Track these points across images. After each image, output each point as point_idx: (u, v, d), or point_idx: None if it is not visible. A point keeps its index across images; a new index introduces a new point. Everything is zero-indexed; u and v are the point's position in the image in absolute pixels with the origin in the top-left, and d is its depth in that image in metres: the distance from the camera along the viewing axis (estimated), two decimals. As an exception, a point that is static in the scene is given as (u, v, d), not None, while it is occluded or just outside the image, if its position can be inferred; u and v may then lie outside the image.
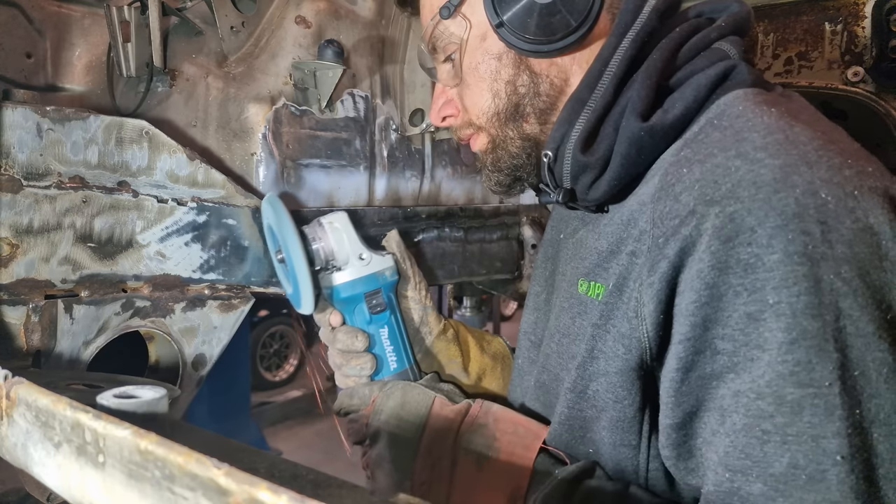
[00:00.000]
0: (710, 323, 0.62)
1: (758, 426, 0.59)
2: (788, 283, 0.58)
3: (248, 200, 1.21)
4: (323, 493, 0.42)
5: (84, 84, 1.37)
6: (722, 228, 0.61)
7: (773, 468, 0.58)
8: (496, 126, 0.89)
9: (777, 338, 0.58)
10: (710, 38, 0.79)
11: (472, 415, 0.88)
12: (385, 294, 0.99)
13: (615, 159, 0.75)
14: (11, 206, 0.99)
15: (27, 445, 0.55)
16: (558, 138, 0.81)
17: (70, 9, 1.35)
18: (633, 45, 0.78)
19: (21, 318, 1.00)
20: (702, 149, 0.68)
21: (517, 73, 0.86)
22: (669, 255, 0.65)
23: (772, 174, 0.60)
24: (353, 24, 1.45)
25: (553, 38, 0.80)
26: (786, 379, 0.58)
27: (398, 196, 1.49)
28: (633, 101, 0.74)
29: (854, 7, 1.37)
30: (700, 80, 0.74)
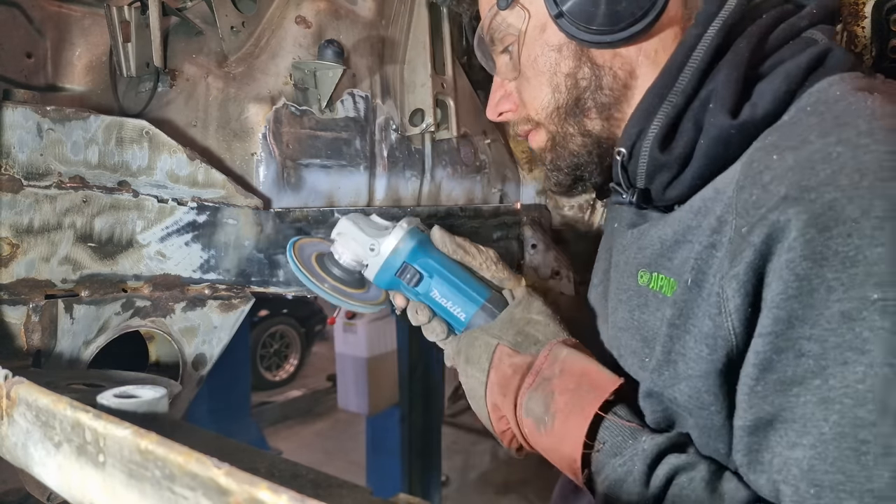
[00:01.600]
0: (796, 320, 0.56)
1: (854, 436, 0.52)
2: (890, 277, 0.51)
3: (248, 200, 1.21)
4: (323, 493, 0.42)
5: (84, 84, 1.37)
6: (819, 216, 0.55)
7: (873, 484, 0.51)
8: (556, 122, 0.85)
9: (881, 337, 0.51)
10: (799, 26, 0.73)
11: (537, 368, 0.80)
12: (414, 264, 0.96)
13: (698, 158, 0.71)
14: (12, 205, 0.99)
15: (27, 445, 0.55)
16: (634, 135, 0.76)
17: (70, 8, 1.35)
18: (719, 34, 0.71)
19: (21, 318, 1.00)
20: (795, 134, 0.62)
21: (578, 65, 0.81)
22: (755, 243, 0.59)
23: (878, 161, 0.55)
24: (353, 25, 1.45)
25: (616, 27, 0.75)
26: (893, 383, 0.51)
27: (398, 196, 1.49)
28: (720, 95, 0.69)
29: (853, 7, 1.37)
30: (791, 67, 0.69)
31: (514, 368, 0.81)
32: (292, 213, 1.27)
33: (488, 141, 1.73)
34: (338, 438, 6.51)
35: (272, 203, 1.26)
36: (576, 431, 0.72)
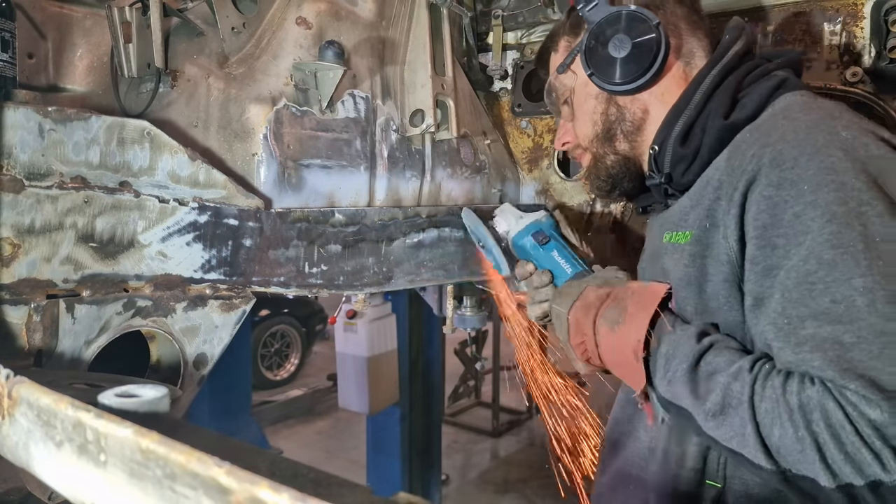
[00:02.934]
0: (769, 226, 0.87)
1: (806, 281, 0.82)
2: (821, 186, 0.83)
3: (249, 201, 1.21)
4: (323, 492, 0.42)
5: (86, 84, 1.37)
6: (774, 159, 0.89)
7: (820, 307, 0.80)
8: (595, 146, 1.23)
9: (816, 222, 0.82)
10: (768, 69, 1.09)
11: (615, 294, 1.10)
12: (546, 231, 1.35)
13: (703, 150, 1.05)
14: (13, 206, 1.00)
15: (29, 444, 0.55)
16: (662, 136, 1.12)
17: (71, 9, 1.35)
18: (718, 75, 1.09)
19: (23, 318, 1.01)
20: (760, 122, 0.99)
21: (607, 106, 1.19)
22: (740, 187, 0.92)
23: (806, 123, 0.90)
24: (353, 26, 1.45)
25: (626, 80, 1.11)
26: (823, 246, 0.81)
27: (398, 196, 1.49)
28: (716, 107, 1.06)
29: (853, 7, 1.37)
30: (763, 86, 1.05)
31: (597, 296, 1.13)
32: (293, 213, 1.27)
33: (488, 141, 1.73)
34: (338, 437, 6.52)
35: (273, 203, 1.26)
36: (641, 322, 1.02)
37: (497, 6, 1.84)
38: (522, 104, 1.84)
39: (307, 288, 1.32)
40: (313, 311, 8.24)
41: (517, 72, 1.85)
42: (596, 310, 1.10)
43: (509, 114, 1.88)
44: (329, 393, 7.17)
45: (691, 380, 0.92)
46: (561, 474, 1.46)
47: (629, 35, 1.09)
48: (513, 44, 1.87)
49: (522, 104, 1.84)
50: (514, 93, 1.86)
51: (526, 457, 6.23)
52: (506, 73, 1.86)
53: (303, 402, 7.26)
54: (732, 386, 0.86)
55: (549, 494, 5.42)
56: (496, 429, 6.65)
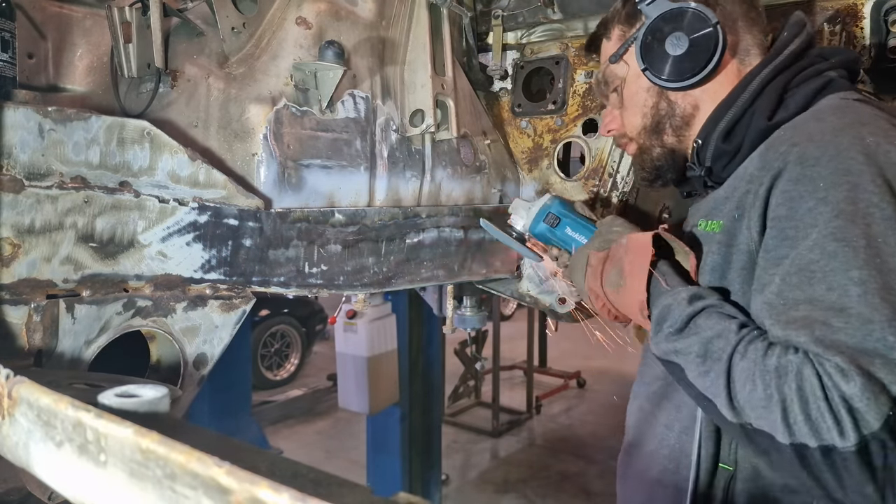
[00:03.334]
0: (783, 218, 0.92)
1: (807, 269, 0.87)
2: (836, 185, 0.88)
3: (249, 201, 1.21)
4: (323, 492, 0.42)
5: (86, 84, 1.37)
6: (799, 157, 0.93)
7: (815, 293, 0.85)
8: (643, 137, 1.25)
9: (824, 216, 0.87)
10: (820, 69, 1.10)
11: (612, 254, 1.16)
12: (555, 212, 1.39)
13: (745, 147, 1.09)
14: (13, 206, 1.00)
15: (29, 444, 0.55)
16: (707, 130, 1.14)
17: (71, 9, 1.35)
18: (769, 74, 1.10)
19: (23, 318, 1.01)
20: (795, 123, 1.02)
21: (658, 100, 1.20)
22: (766, 182, 0.96)
23: (833, 126, 0.94)
24: (353, 26, 1.45)
25: (681, 78, 1.13)
26: (827, 238, 0.86)
27: (398, 196, 1.49)
28: (762, 107, 1.08)
29: (852, 8, 1.37)
30: (808, 87, 1.07)
31: (598, 260, 1.18)
32: (293, 213, 1.27)
33: (488, 141, 1.73)
34: (338, 437, 6.52)
35: (273, 203, 1.26)
36: (639, 284, 1.08)
37: (497, 6, 1.84)
38: (522, 104, 1.84)
39: (307, 288, 1.32)
40: (313, 311, 8.24)
41: (517, 72, 1.85)
42: (600, 275, 1.17)
43: (509, 114, 1.88)
44: (329, 393, 7.17)
45: (680, 338, 0.99)
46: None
47: (687, 33, 1.10)
48: (513, 44, 1.87)
49: (522, 104, 1.84)
50: (514, 93, 1.86)
51: (526, 457, 6.23)
52: (506, 73, 1.86)
53: (303, 402, 7.26)
54: (715, 342, 0.93)
55: (549, 494, 5.43)
56: (496, 429, 6.65)
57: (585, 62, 1.75)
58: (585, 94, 1.75)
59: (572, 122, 1.76)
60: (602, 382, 8.06)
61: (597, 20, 1.73)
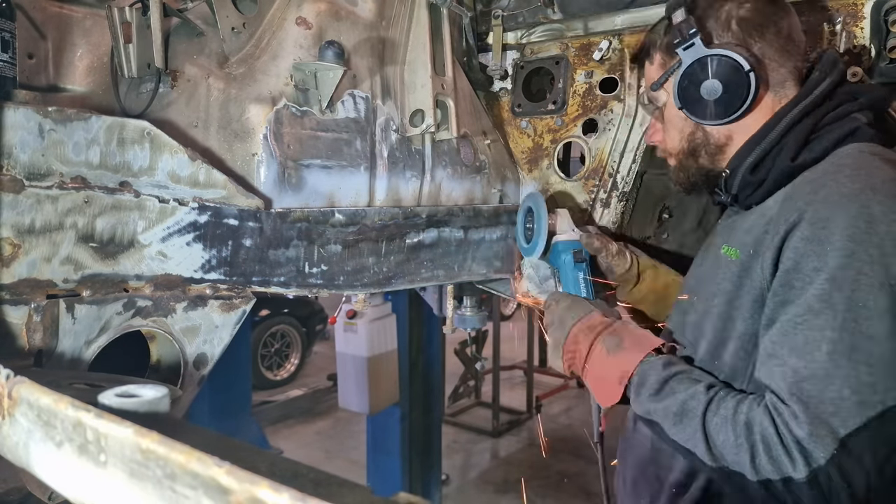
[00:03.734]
0: (791, 270, 1.02)
1: (795, 321, 0.99)
2: (835, 250, 0.97)
3: (249, 201, 1.21)
4: (323, 492, 0.42)
5: (86, 84, 1.38)
6: (812, 217, 1.02)
7: (795, 342, 0.98)
8: (680, 158, 1.34)
9: (820, 277, 0.98)
10: (849, 110, 1.16)
11: (614, 327, 1.29)
12: (585, 252, 1.49)
13: (769, 182, 1.17)
14: (13, 206, 1.00)
15: (29, 444, 0.55)
16: (736, 162, 1.22)
17: (71, 10, 1.35)
18: (798, 113, 1.16)
19: (23, 318, 1.01)
20: (816, 174, 1.09)
21: (695, 130, 1.29)
22: (781, 232, 1.05)
23: (848, 190, 1.01)
24: (353, 26, 1.45)
25: (714, 119, 1.22)
26: (816, 298, 0.97)
27: (398, 196, 1.49)
28: (789, 147, 1.15)
29: (853, 7, 1.37)
30: (833, 133, 1.14)
31: (601, 322, 1.31)
32: (293, 213, 1.27)
33: (488, 141, 1.73)
34: (338, 437, 6.52)
35: (273, 203, 1.26)
36: (635, 358, 1.20)
37: (497, 6, 1.84)
38: (522, 104, 1.84)
39: (307, 288, 1.32)
40: (313, 311, 8.24)
41: (517, 72, 1.85)
42: (597, 333, 1.29)
43: (509, 114, 1.88)
44: (329, 393, 7.17)
45: (657, 399, 1.13)
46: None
47: (721, 80, 1.18)
48: (513, 44, 1.87)
49: (522, 104, 1.84)
50: (514, 93, 1.86)
51: (526, 457, 6.23)
52: (506, 73, 1.86)
53: (303, 402, 7.26)
54: (689, 403, 1.08)
55: (549, 494, 5.43)
56: (496, 429, 6.65)
57: (585, 62, 1.75)
58: (585, 94, 1.75)
59: (572, 122, 1.76)
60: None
61: (597, 20, 1.74)
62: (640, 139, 1.66)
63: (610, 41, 1.70)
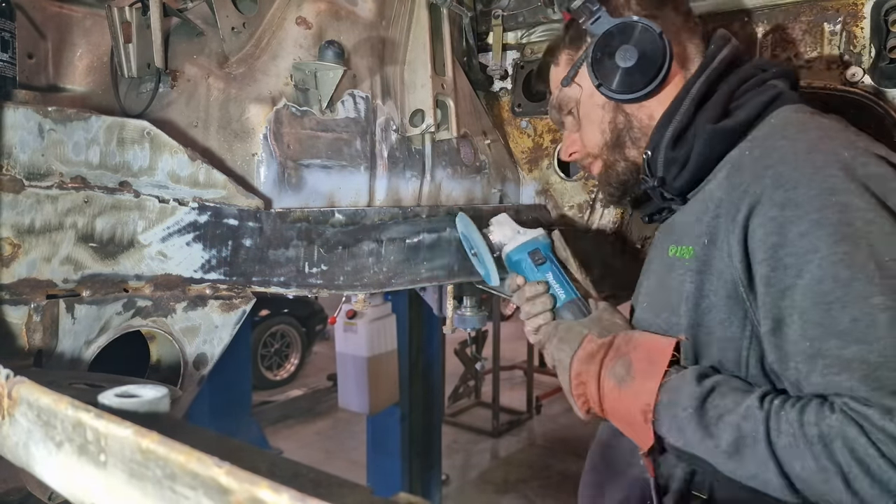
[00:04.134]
0: (778, 246, 0.88)
1: (823, 301, 0.83)
2: (825, 206, 0.85)
3: (249, 201, 1.21)
4: (323, 492, 0.42)
5: (86, 84, 1.37)
6: (776, 181, 0.90)
7: (840, 326, 0.82)
8: (606, 153, 1.25)
9: (824, 241, 0.84)
10: (764, 78, 1.11)
11: (616, 346, 1.10)
12: (543, 251, 1.32)
13: (693, 155, 1.08)
14: (13, 206, 1.00)
15: (29, 444, 0.55)
16: (655, 141, 1.13)
17: (71, 9, 1.35)
18: (707, 79, 1.11)
19: (23, 318, 1.01)
20: (758, 141, 1.01)
21: (615, 115, 1.21)
22: (743, 209, 0.93)
23: (805, 144, 0.92)
24: (353, 25, 1.45)
25: (633, 91, 1.14)
26: (837, 265, 0.83)
27: (398, 196, 1.49)
28: (707, 113, 1.09)
29: (853, 7, 1.37)
30: (757, 98, 1.07)
31: (599, 346, 1.12)
32: (293, 213, 1.27)
33: (488, 141, 1.73)
34: (338, 438, 6.52)
35: (273, 203, 1.26)
36: (652, 384, 1.00)
37: (497, 6, 1.84)
38: (522, 104, 1.84)
39: (307, 288, 1.32)
40: (313, 311, 8.24)
41: (517, 72, 1.85)
42: (600, 362, 1.09)
43: (509, 114, 1.88)
44: (329, 393, 7.17)
45: (700, 426, 0.91)
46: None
47: (635, 45, 1.12)
48: (513, 44, 1.87)
49: (522, 104, 1.84)
50: (514, 93, 1.86)
51: (526, 457, 6.23)
52: (506, 73, 1.86)
53: (303, 402, 7.26)
54: (743, 425, 0.86)
55: (549, 494, 5.43)
56: (496, 429, 6.66)
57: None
58: (585, 94, 1.74)
59: (572, 122, 1.76)
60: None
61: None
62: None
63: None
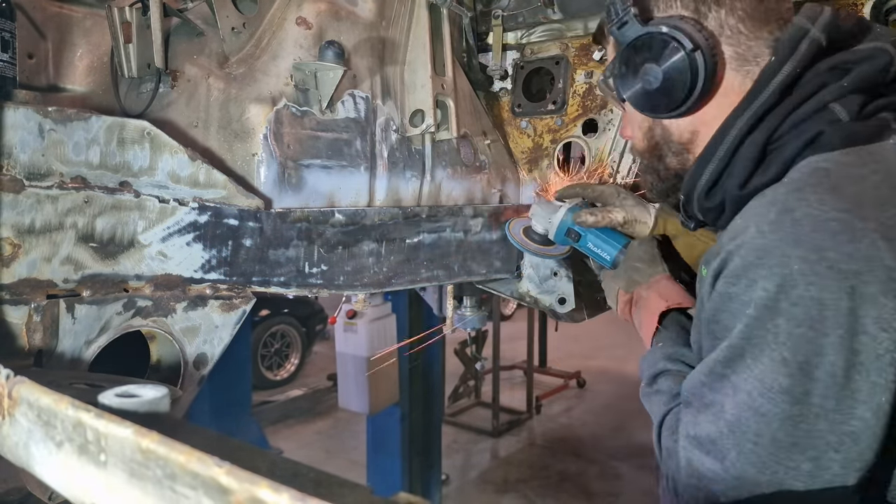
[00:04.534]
0: (713, 322, 0.90)
1: (705, 373, 0.89)
2: (740, 315, 0.84)
3: (249, 201, 1.21)
4: (324, 492, 0.42)
5: (86, 85, 1.38)
6: (728, 269, 0.87)
7: (705, 397, 0.88)
8: (645, 157, 1.15)
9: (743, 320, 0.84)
10: (823, 101, 0.91)
11: (636, 301, 1.25)
12: (575, 230, 1.41)
13: (727, 208, 0.99)
14: (13, 206, 1.00)
15: (29, 444, 0.55)
16: (689, 187, 1.04)
17: (71, 9, 1.35)
18: (749, 120, 0.94)
19: (23, 318, 1.01)
20: (752, 208, 0.91)
21: (653, 125, 1.09)
22: (716, 265, 0.90)
23: (770, 242, 0.82)
24: (353, 26, 1.45)
25: (663, 111, 1.02)
26: (720, 364, 0.86)
27: (398, 196, 1.49)
28: (738, 170, 0.95)
29: (853, 7, 1.37)
30: (788, 147, 0.91)
31: (625, 302, 1.29)
32: (293, 213, 1.27)
33: (488, 141, 1.73)
34: (338, 437, 6.52)
35: (273, 203, 1.26)
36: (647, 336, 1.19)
37: (497, 6, 1.84)
38: (522, 104, 1.84)
39: (307, 288, 1.32)
40: (313, 311, 8.24)
41: (517, 72, 1.85)
42: (630, 314, 1.28)
43: (509, 114, 1.88)
44: (329, 393, 7.17)
45: (645, 393, 1.11)
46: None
47: (659, 64, 0.97)
48: (513, 44, 1.87)
49: (522, 104, 1.84)
50: (514, 93, 1.86)
51: (526, 457, 6.23)
52: (506, 73, 1.86)
53: (303, 402, 7.26)
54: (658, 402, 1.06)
55: (549, 494, 5.43)
56: (496, 429, 6.65)
57: (585, 62, 1.75)
58: (585, 94, 1.75)
59: (572, 122, 1.76)
60: (602, 382, 8.06)
61: (597, 20, 1.73)
62: (640, 139, 1.66)
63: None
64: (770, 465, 0.81)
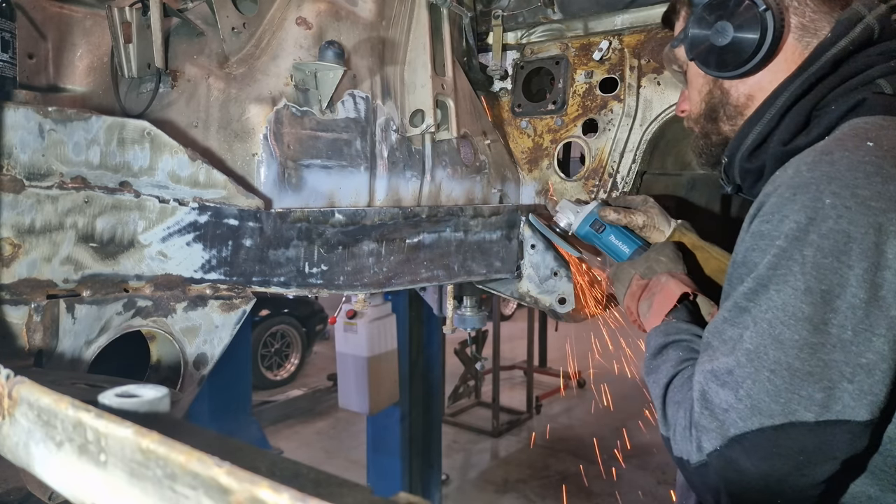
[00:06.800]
0: (741, 264, 0.93)
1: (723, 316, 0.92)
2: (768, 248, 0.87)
3: (249, 201, 1.21)
4: (324, 492, 0.42)
5: (86, 85, 1.38)
6: (762, 208, 0.91)
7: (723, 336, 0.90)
8: (701, 123, 1.22)
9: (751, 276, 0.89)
10: (871, 76, 0.99)
11: (650, 287, 1.28)
12: (600, 220, 1.49)
13: (766, 171, 1.05)
14: (13, 206, 1.00)
15: (29, 444, 0.55)
16: (733, 148, 1.12)
17: (72, 10, 1.35)
18: (801, 86, 1.02)
19: (23, 318, 1.01)
20: (794, 160, 0.95)
21: (712, 88, 1.17)
22: (752, 211, 0.94)
23: (804, 180, 0.87)
24: (353, 26, 1.45)
25: (725, 69, 1.09)
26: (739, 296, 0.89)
27: (398, 196, 1.49)
28: (783, 130, 1.03)
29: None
30: (834, 111, 0.98)
31: (639, 286, 1.30)
32: (293, 213, 1.27)
33: (488, 141, 1.73)
34: (338, 437, 6.52)
35: (273, 203, 1.26)
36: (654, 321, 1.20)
37: (497, 6, 1.84)
38: (522, 104, 1.84)
39: (307, 288, 1.32)
40: (313, 311, 8.24)
41: (517, 72, 1.85)
42: (637, 299, 1.29)
43: (509, 114, 1.88)
44: (329, 393, 7.17)
45: (650, 367, 1.12)
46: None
47: (731, 22, 1.05)
48: (513, 44, 1.87)
49: (522, 104, 1.84)
50: (514, 93, 1.86)
51: (526, 457, 6.23)
52: (506, 73, 1.86)
53: (303, 402, 7.26)
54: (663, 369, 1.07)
55: (549, 494, 5.43)
56: (496, 429, 6.66)
57: (585, 62, 1.75)
58: (585, 94, 1.75)
59: (572, 122, 1.76)
60: (602, 382, 8.07)
61: (597, 20, 1.74)
62: (640, 139, 1.66)
63: (610, 41, 1.70)
64: (783, 393, 0.82)
